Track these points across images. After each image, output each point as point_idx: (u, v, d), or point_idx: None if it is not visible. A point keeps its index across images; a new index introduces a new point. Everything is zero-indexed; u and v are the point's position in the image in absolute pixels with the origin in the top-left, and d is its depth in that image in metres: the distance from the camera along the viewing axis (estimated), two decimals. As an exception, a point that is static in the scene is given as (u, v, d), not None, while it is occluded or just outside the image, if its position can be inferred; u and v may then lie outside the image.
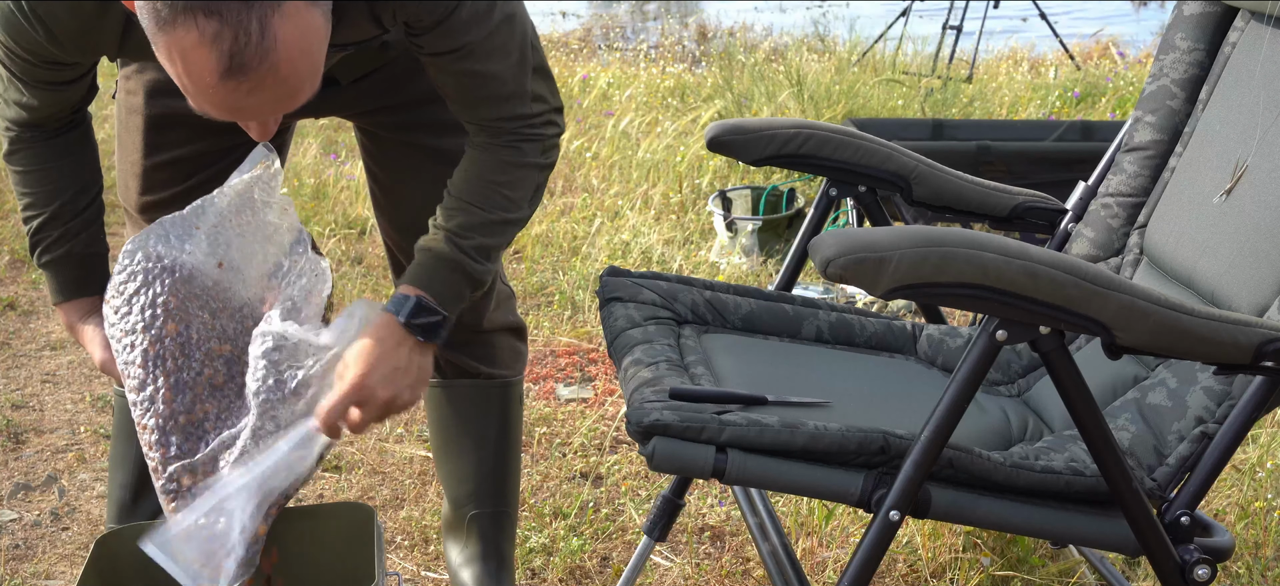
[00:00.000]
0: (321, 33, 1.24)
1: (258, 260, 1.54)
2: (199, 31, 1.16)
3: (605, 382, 2.91)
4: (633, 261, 3.65)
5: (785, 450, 1.35)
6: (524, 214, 1.55)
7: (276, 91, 1.22)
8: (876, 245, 1.23)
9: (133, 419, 1.51)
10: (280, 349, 1.43)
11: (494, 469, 1.92)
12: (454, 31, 1.42)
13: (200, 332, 1.49)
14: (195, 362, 1.48)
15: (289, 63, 1.20)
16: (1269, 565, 2.15)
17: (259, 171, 1.52)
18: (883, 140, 1.91)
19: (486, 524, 1.93)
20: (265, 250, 1.54)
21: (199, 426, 1.47)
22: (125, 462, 1.90)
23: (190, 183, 1.71)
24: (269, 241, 1.54)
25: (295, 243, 1.54)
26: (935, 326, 1.87)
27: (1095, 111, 5.35)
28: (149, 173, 1.72)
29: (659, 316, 1.74)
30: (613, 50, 7.87)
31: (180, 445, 1.46)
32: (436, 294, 1.48)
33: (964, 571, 2.09)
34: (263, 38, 1.17)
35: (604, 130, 4.99)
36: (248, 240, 1.53)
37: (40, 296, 3.43)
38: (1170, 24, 1.93)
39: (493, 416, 1.91)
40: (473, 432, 1.90)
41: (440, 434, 1.93)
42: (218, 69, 1.18)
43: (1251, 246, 1.61)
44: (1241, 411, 1.42)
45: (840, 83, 5.42)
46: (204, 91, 1.21)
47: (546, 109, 1.54)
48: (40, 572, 2.15)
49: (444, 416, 1.91)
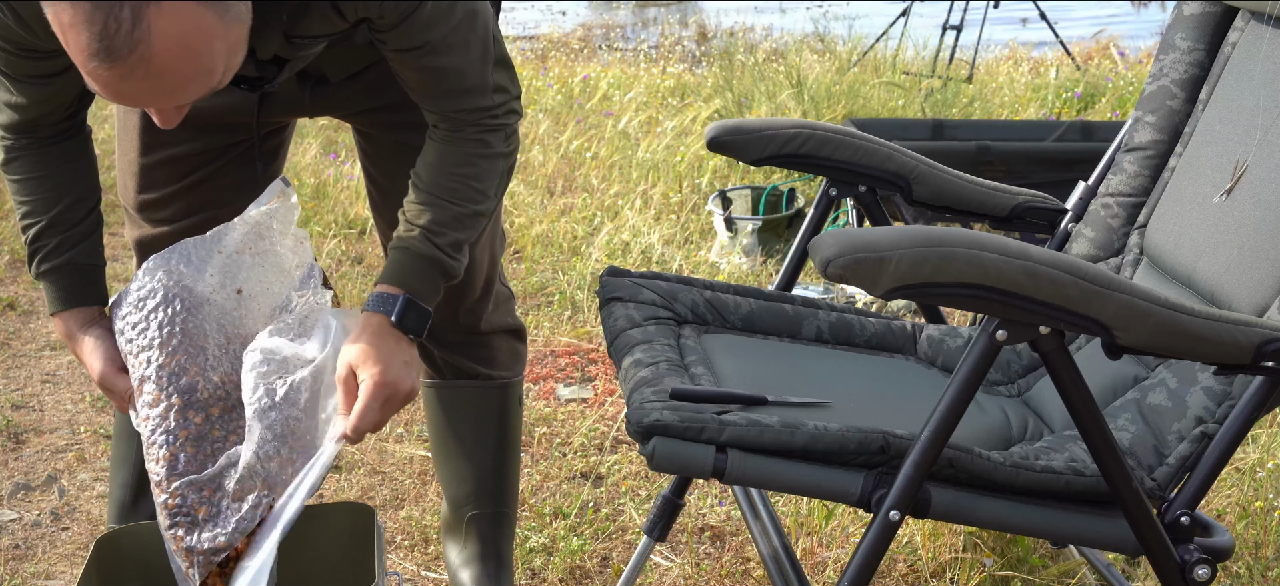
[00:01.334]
0: (212, 32, 1.22)
1: (271, 291, 1.55)
2: (73, 10, 1.17)
3: (605, 382, 2.91)
4: (633, 261, 3.65)
5: (785, 450, 1.35)
6: (491, 204, 1.56)
7: (150, 84, 1.22)
8: (876, 245, 1.23)
9: (138, 431, 1.51)
10: (268, 362, 1.45)
11: (493, 470, 1.92)
12: (416, 29, 1.43)
13: (215, 355, 1.50)
14: (210, 384, 1.49)
15: (164, 57, 1.20)
16: (1269, 565, 2.15)
17: (276, 204, 1.54)
18: (883, 140, 1.91)
19: (485, 524, 1.93)
20: (278, 282, 1.56)
21: (208, 445, 1.48)
22: (126, 463, 1.90)
23: (187, 181, 1.71)
24: (282, 274, 1.56)
25: (306, 277, 1.55)
26: (935, 326, 1.87)
27: (1095, 111, 5.35)
28: (146, 170, 1.72)
29: (659, 316, 1.74)
30: (613, 50, 7.88)
31: (188, 462, 1.46)
32: (417, 291, 1.50)
33: (964, 571, 2.09)
34: (134, 28, 1.17)
35: (604, 130, 5.00)
36: (263, 271, 1.55)
37: (40, 297, 3.43)
38: (1170, 24, 1.93)
39: (492, 417, 1.91)
40: (472, 433, 1.91)
41: (439, 434, 1.93)
42: (88, 50, 1.18)
43: (1251, 246, 1.61)
44: (1241, 411, 1.41)
45: (840, 83, 5.42)
46: (82, 69, 1.22)
47: (508, 99, 1.54)
48: (40, 572, 2.15)
49: (443, 417, 1.91)
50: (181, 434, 1.46)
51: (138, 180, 1.74)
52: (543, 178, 4.52)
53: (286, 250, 1.55)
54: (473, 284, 1.81)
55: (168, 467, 1.46)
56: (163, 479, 1.46)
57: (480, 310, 1.84)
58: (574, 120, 5.21)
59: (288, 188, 1.55)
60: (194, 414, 1.47)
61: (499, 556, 1.94)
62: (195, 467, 1.46)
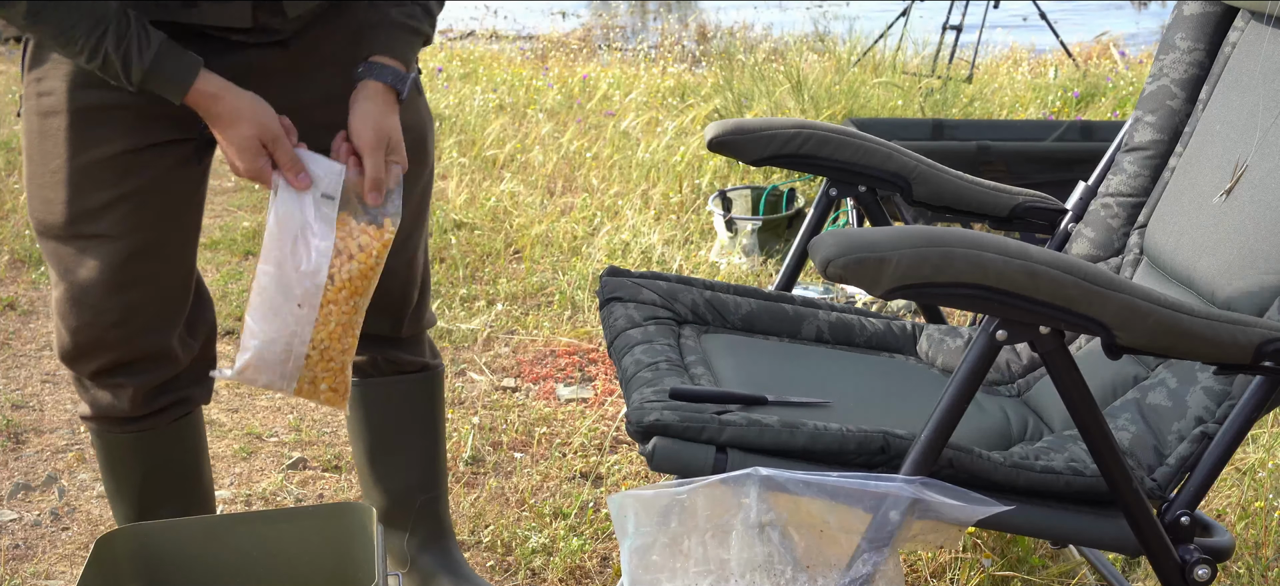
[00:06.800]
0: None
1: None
2: None
3: (605, 382, 2.91)
4: (633, 261, 3.65)
5: (785, 450, 1.35)
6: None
7: None
8: (876, 245, 1.23)
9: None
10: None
11: (437, 453, 1.98)
12: None
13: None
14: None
15: None
16: (1269, 565, 2.15)
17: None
18: (883, 140, 1.91)
19: (434, 505, 1.98)
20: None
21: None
22: (121, 497, 1.81)
23: (128, 186, 1.57)
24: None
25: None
26: (935, 326, 1.87)
27: (1095, 111, 5.35)
28: (79, 173, 1.55)
29: (659, 316, 1.74)
30: (613, 50, 7.88)
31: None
32: (410, 62, 1.61)
33: (964, 571, 2.09)
34: None
35: (604, 130, 5.00)
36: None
37: (40, 296, 3.43)
38: (1170, 24, 1.93)
39: (435, 403, 1.95)
40: (419, 422, 1.94)
41: (385, 428, 1.94)
42: None
43: (1251, 246, 1.61)
44: (1241, 411, 1.42)
45: (840, 83, 5.42)
46: None
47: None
48: (40, 572, 2.15)
49: (389, 411, 1.92)
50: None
51: (69, 189, 1.55)
52: (543, 178, 4.52)
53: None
54: (411, 294, 1.84)
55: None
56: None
57: (420, 313, 1.88)
58: (574, 120, 5.21)
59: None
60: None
61: (449, 531, 2.01)
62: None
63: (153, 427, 1.72)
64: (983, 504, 1.27)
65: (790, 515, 1.28)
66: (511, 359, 3.05)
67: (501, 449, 2.58)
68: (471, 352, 3.07)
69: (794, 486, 1.26)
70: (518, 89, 5.84)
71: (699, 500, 1.29)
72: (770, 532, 1.28)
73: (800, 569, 1.29)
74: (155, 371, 1.68)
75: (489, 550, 2.20)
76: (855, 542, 1.28)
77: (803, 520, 1.28)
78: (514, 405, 2.78)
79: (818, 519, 1.28)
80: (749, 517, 1.28)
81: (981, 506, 1.27)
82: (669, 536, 1.30)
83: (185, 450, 1.79)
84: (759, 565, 1.29)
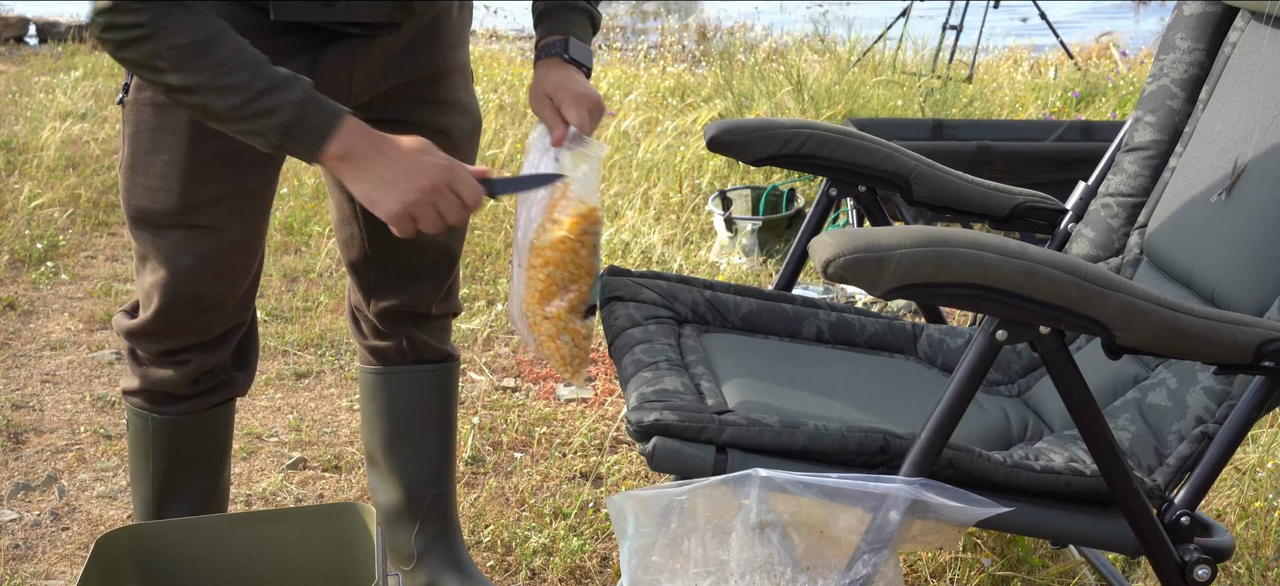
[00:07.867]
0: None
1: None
2: None
3: (605, 382, 2.91)
4: (633, 261, 3.65)
5: (785, 451, 1.35)
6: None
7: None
8: (876, 245, 1.23)
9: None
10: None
11: (451, 447, 1.98)
12: None
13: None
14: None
15: None
16: (1269, 565, 2.15)
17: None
18: (883, 140, 1.91)
19: (444, 501, 1.97)
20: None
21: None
22: (145, 477, 1.82)
23: (240, 182, 1.58)
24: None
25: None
26: (935, 326, 1.87)
27: (1095, 111, 5.35)
28: (195, 165, 1.56)
29: (659, 316, 1.74)
30: (613, 50, 7.88)
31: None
32: (586, 39, 1.70)
33: (964, 571, 2.09)
34: None
35: (604, 130, 4.99)
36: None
37: (40, 296, 3.43)
38: (1170, 24, 1.93)
39: (454, 396, 1.96)
40: (439, 413, 1.94)
41: (404, 419, 1.93)
42: None
43: (1251, 246, 1.61)
44: (1241, 411, 1.42)
45: (840, 83, 5.42)
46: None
47: None
48: (40, 572, 2.15)
49: (410, 401, 1.92)
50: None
51: (183, 181, 1.57)
52: (543, 178, 4.52)
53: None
54: (454, 265, 1.86)
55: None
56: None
57: (453, 292, 1.90)
58: (574, 120, 5.20)
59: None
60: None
61: (456, 528, 2.00)
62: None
63: (193, 410, 1.75)
64: (982, 504, 1.27)
65: (790, 516, 1.28)
66: (511, 359, 3.06)
67: (501, 449, 2.58)
68: (471, 352, 3.07)
69: (794, 487, 1.26)
70: (518, 89, 5.83)
71: (699, 500, 1.29)
72: (770, 533, 1.28)
73: (800, 570, 1.29)
74: (219, 352, 1.72)
75: (489, 550, 2.20)
76: (855, 543, 1.28)
77: (803, 521, 1.28)
78: (514, 405, 2.78)
79: (818, 519, 1.28)
80: (749, 518, 1.28)
81: (981, 507, 1.27)
82: (669, 537, 1.31)
83: (216, 437, 1.81)
84: (759, 566, 1.29)
